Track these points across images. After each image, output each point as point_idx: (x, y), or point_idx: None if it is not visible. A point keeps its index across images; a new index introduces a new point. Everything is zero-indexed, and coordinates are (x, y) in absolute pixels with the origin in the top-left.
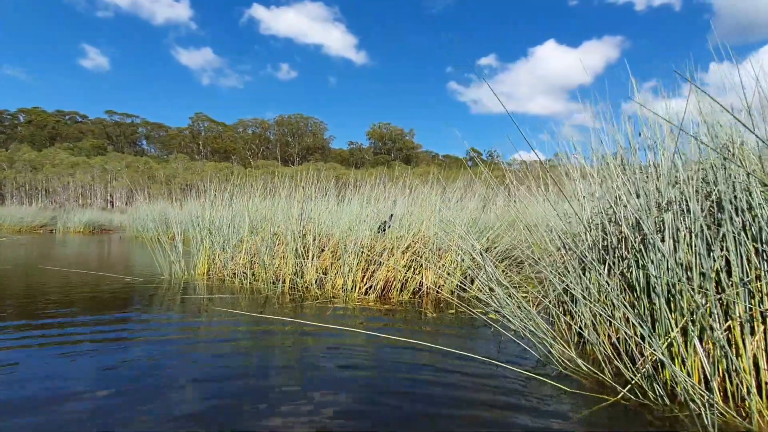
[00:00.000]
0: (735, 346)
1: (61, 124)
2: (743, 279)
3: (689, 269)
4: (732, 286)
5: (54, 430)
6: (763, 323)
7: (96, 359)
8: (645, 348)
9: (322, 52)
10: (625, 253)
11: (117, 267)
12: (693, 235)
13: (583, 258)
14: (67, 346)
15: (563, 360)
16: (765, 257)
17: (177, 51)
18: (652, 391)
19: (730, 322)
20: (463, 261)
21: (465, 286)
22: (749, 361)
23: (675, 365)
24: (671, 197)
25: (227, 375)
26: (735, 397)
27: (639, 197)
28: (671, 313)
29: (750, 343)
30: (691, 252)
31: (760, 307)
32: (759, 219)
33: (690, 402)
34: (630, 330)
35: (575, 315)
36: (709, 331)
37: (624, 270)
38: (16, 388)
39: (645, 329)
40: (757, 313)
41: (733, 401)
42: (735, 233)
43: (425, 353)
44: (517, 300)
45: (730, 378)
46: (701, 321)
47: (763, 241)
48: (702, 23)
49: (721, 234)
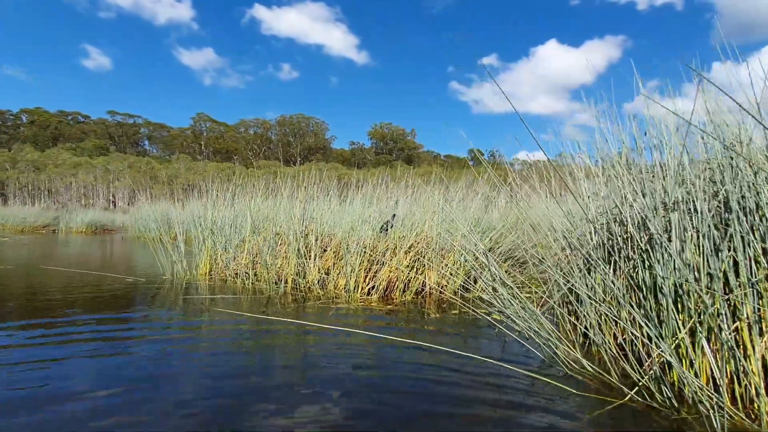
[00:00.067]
0: (743, 347)
1: (64, 124)
2: (751, 279)
3: (696, 269)
4: (740, 286)
5: (55, 429)
6: None
7: (97, 359)
8: (652, 349)
9: (323, 52)
10: (631, 253)
11: (119, 267)
12: (700, 235)
13: (589, 258)
14: (69, 345)
15: (569, 361)
16: None
17: (179, 51)
18: (659, 393)
19: (738, 323)
20: (467, 261)
21: (468, 286)
22: (758, 363)
23: (683, 367)
24: (678, 197)
25: (229, 375)
26: (744, 399)
27: (645, 197)
28: (678, 314)
29: (759, 345)
30: (699, 252)
31: None
32: (767, 218)
33: (698, 404)
34: (637, 331)
35: (580, 315)
36: (717, 332)
37: (630, 270)
38: (17, 387)
39: (652, 330)
40: (766, 314)
41: (742, 403)
42: (743, 233)
43: (428, 353)
44: (522, 300)
45: (738, 380)
46: (709, 322)
47: None
48: (703, 23)
49: (729, 234)
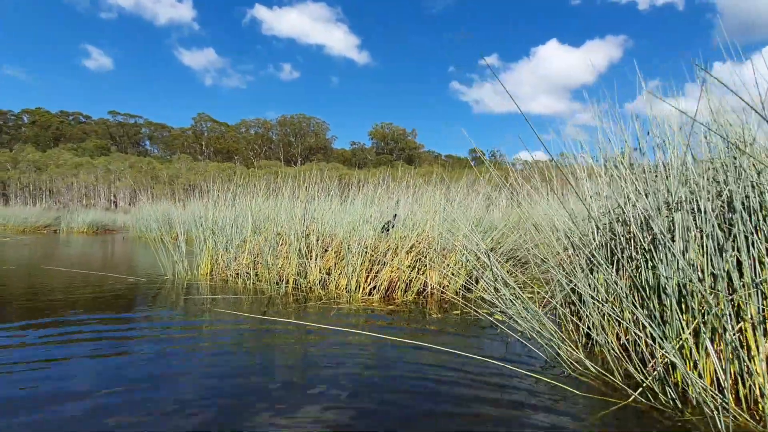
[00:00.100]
0: (747, 347)
1: (65, 124)
2: (755, 280)
3: (700, 270)
4: (744, 287)
5: (56, 428)
6: None
7: (98, 359)
8: (656, 350)
9: (324, 52)
10: (634, 254)
11: (120, 267)
12: (704, 235)
13: (592, 258)
14: (70, 345)
15: (571, 362)
16: None
17: (180, 51)
18: (663, 394)
19: (742, 323)
20: (468, 261)
21: (470, 286)
22: (762, 364)
23: (686, 368)
24: (681, 196)
25: (230, 375)
26: (748, 400)
27: (648, 196)
28: (682, 315)
29: (763, 345)
30: (702, 252)
31: None
32: None
33: (702, 405)
34: (640, 331)
35: (583, 316)
36: (721, 333)
37: (633, 270)
38: (18, 386)
39: (656, 330)
40: None
41: (746, 404)
42: (746, 233)
43: (430, 354)
44: (524, 300)
45: (743, 380)
46: (713, 322)
47: None
48: (704, 23)
49: (732, 234)
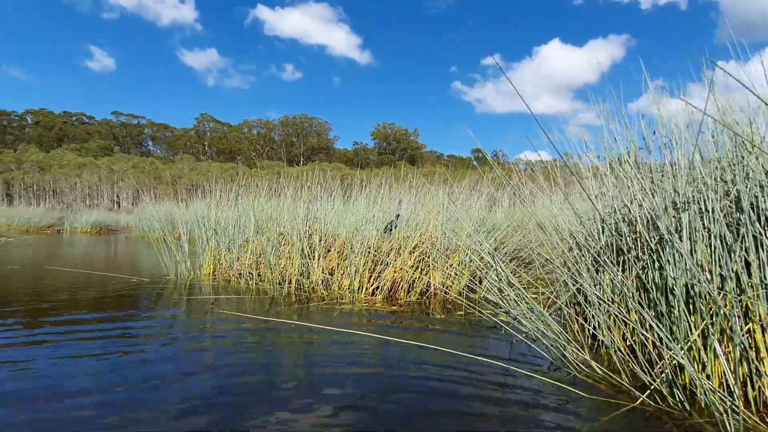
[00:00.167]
0: (756, 349)
1: (68, 125)
2: (764, 280)
3: (708, 270)
4: (752, 287)
5: (59, 426)
6: None
7: (101, 358)
8: (663, 351)
9: (326, 52)
10: (641, 254)
11: (123, 267)
12: (712, 235)
13: (598, 258)
14: (73, 344)
15: (577, 363)
16: None
17: (182, 52)
18: (671, 397)
19: (750, 324)
20: (472, 261)
21: (473, 287)
22: None
23: (695, 369)
24: (689, 196)
25: (232, 374)
26: (757, 403)
27: (655, 196)
28: (690, 316)
29: None
30: (710, 252)
31: None
32: None
33: (711, 407)
34: (647, 332)
35: (589, 317)
36: (730, 333)
37: (639, 271)
38: (22, 384)
39: (663, 332)
40: None
41: (756, 407)
42: (755, 233)
43: (434, 355)
44: (529, 301)
45: (752, 382)
46: (721, 323)
47: None
48: (705, 23)
49: (741, 234)
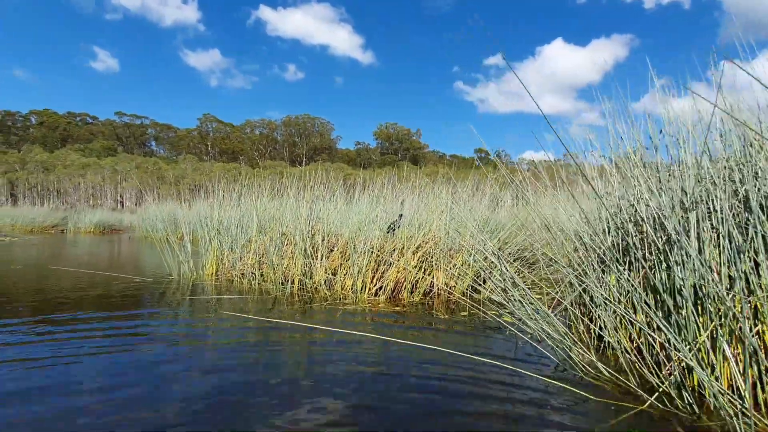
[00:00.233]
0: (765, 350)
1: (72, 125)
2: None
3: (716, 271)
4: (761, 288)
5: (62, 422)
6: None
7: (104, 357)
8: (672, 352)
9: (328, 52)
10: (648, 254)
11: (126, 267)
12: (720, 236)
13: (603, 258)
14: (77, 343)
15: (583, 364)
16: None
17: (185, 53)
18: (679, 399)
19: (760, 326)
20: (476, 261)
21: (477, 287)
22: None
23: (703, 371)
24: (697, 196)
25: (234, 374)
26: (767, 405)
27: (662, 195)
28: (699, 317)
29: None
30: (718, 253)
31: None
32: None
33: (720, 410)
34: (655, 333)
35: (595, 317)
36: (739, 334)
37: (647, 271)
38: (26, 382)
39: (671, 333)
40: None
41: (765, 409)
42: (764, 233)
43: (437, 356)
44: (533, 301)
45: (762, 384)
46: (730, 324)
47: None
48: (708, 22)
49: (750, 234)
